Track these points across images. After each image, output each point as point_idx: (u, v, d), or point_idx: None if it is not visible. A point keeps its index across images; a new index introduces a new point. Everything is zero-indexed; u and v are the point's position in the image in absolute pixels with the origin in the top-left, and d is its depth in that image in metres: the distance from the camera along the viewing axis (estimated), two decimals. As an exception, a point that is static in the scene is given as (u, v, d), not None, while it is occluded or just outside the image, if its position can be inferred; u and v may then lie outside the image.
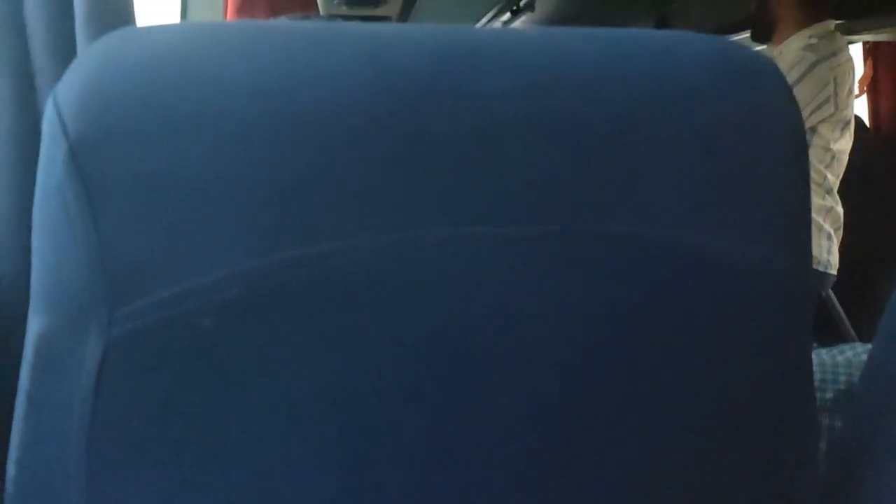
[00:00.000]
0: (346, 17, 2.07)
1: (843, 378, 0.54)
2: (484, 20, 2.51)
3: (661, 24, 2.82)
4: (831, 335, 2.05)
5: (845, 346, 0.58)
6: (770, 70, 0.29)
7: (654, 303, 0.28)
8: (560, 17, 2.88)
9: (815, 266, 1.70)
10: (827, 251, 1.70)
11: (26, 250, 0.25)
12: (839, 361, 0.55)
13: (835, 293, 1.92)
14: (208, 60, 0.25)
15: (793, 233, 0.29)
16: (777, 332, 0.30)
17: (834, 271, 1.73)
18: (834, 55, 1.56)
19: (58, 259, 0.25)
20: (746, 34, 1.96)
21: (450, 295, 0.26)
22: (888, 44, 2.05)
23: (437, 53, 0.27)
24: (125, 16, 0.30)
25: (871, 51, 2.12)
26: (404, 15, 2.00)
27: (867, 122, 2.19)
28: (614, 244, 0.27)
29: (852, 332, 2.03)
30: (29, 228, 0.25)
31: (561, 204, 0.27)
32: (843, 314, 2.05)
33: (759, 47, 2.05)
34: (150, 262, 0.25)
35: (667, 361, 0.29)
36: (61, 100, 0.24)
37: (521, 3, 2.12)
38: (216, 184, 0.24)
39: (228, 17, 0.94)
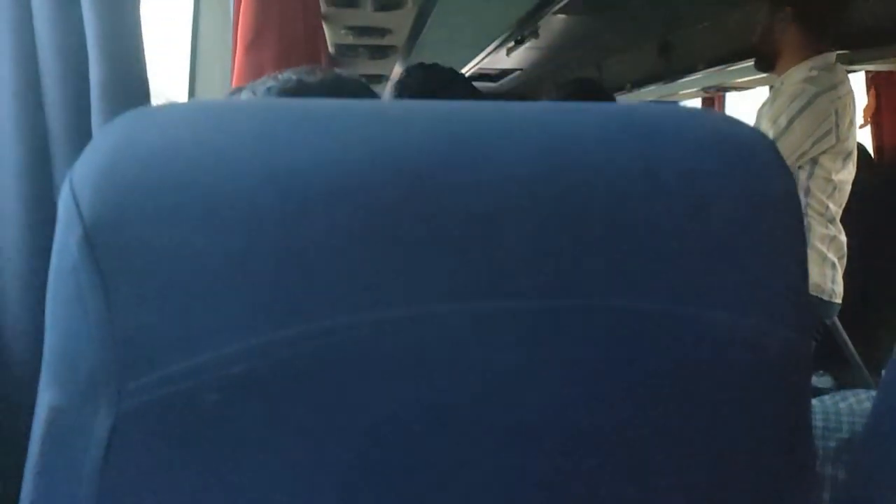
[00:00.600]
0: (352, 47, 2.11)
1: (845, 427, 0.54)
2: (489, 48, 2.54)
3: (664, 50, 2.86)
4: (837, 363, 2.04)
5: (848, 393, 0.58)
6: (765, 145, 0.30)
7: (655, 374, 0.28)
8: (564, 44, 2.91)
9: (819, 295, 1.70)
10: (831, 280, 1.70)
11: (38, 325, 0.26)
12: (841, 409, 0.56)
13: (840, 320, 1.92)
14: (219, 143, 0.26)
15: (791, 304, 0.30)
16: (776, 399, 0.31)
17: (838, 300, 1.73)
18: (834, 88, 1.57)
19: (70, 335, 0.26)
20: (747, 63, 1.98)
21: (453, 369, 0.27)
22: (890, 73, 2.07)
23: (441, 136, 0.27)
24: (140, 92, 0.31)
25: (873, 80, 2.14)
26: (410, 45, 2.03)
27: (871, 151, 2.20)
28: (615, 318, 0.28)
29: (858, 360, 2.03)
30: (41, 303, 0.26)
31: (562, 279, 0.27)
32: (848, 342, 2.05)
33: (760, 75, 2.07)
34: (160, 338, 0.25)
35: (668, 430, 0.29)
36: (77, 184, 0.25)
37: (526, 33, 2.15)
38: (226, 263, 0.25)
39: (238, 56, 0.96)
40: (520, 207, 0.27)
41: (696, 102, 3.50)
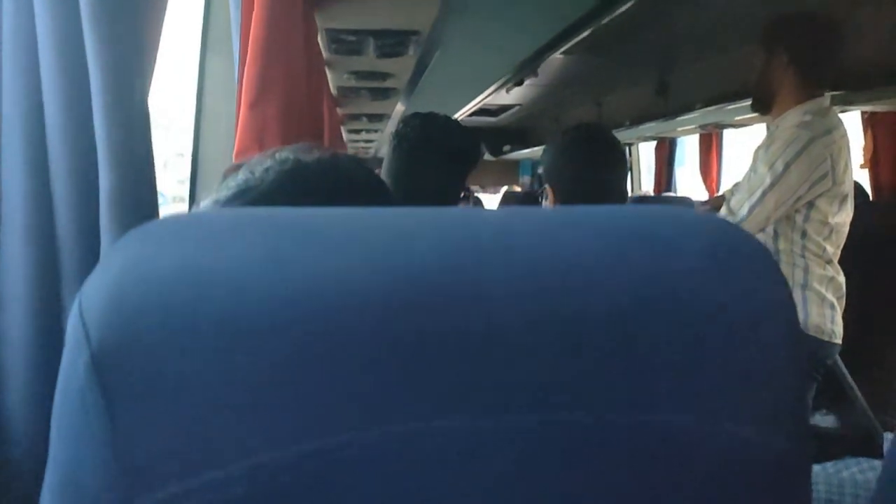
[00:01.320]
0: (354, 89, 2.15)
1: (848, 499, 0.54)
2: (490, 89, 2.58)
3: (661, 89, 2.90)
4: (840, 401, 2.03)
5: (850, 461, 0.58)
6: (762, 254, 0.31)
7: (656, 485, 0.29)
8: (563, 82, 2.96)
9: (819, 336, 1.69)
10: (831, 320, 1.70)
11: (43, 444, 0.26)
12: (844, 479, 0.55)
13: (842, 359, 1.92)
14: (226, 264, 0.27)
15: (788, 414, 0.30)
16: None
17: (839, 340, 1.73)
18: (828, 133, 1.60)
19: (74, 456, 0.26)
20: (744, 102, 2.00)
21: (454, 485, 0.27)
22: (886, 114, 2.09)
23: (443, 251, 0.28)
24: (149, 201, 0.31)
25: (869, 121, 2.16)
26: (411, 87, 2.06)
27: (869, 191, 2.22)
28: (616, 431, 0.28)
29: (861, 399, 2.01)
30: (46, 422, 0.26)
31: (562, 395, 0.28)
32: (851, 381, 2.04)
33: (747, 113, 2.10)
34: (165, 460, 0.25)
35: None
36: (86, 307, 0.25)
37: (525, 73, 2.19)
38: (230, 385, 0.25)
39: (242, 113, 0.98)
40: (520, 322, 0.28)
41: (693, 138, 3.53)
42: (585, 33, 1.50)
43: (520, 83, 2.29)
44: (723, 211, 1.69)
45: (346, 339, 0.26)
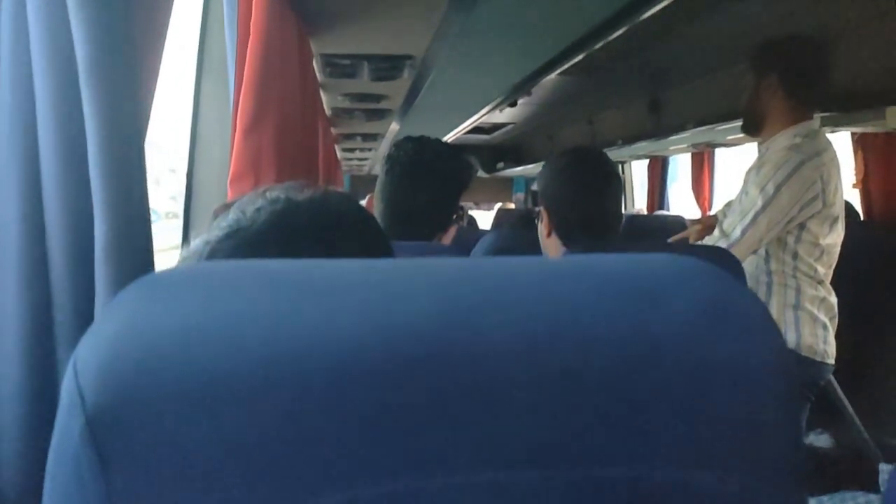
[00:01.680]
0: (349, 110, 2.16)
1: (844, 535, 0.54)
2: (484, 110, 2.59)
3: (654, 108, 2.93)
4: (835, 421, 2.03)
5: (846, 494, 0.58)
6: (757, 308, 0.31)
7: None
8: (556, 101, 2.98)
9: (811, 356, 1.70)
10: (823, 341, 1.71)
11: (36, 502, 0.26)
12: (840, 514, 0.55)
13: (836, 379, 1.92)
14: (222, 324, 0.27)
15: (785, 466, 0.30)
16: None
17: (831, 360, 1.73)
18: (818, 155, 1.61)
19: (68, 518, 0.26)
20: (735, 123, 2.02)
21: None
22: (875, 134, 2.12)
23: (440, 307, 0.28)
24: (144, 254, 0.31)
25: (859, 141, 2.18)
26: (406, 107, 2.07)
27: (860, 211, 2.23)
28: (615, 487, 0.28)
29: (855, 419, 2.02)
30: (39, 482, 0.26)
31: (562, 450, 0.28)
32: (845, 400, 2.04)
33: (739, 133, 2.12)
34: (158, 522, 0.25)
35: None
36: (80, 370, 0.25)
37: (518, 98, 2.20)
38: (228, 450, 0.25)
39: (237, 139, 0.98)
40: (519, 378, 0.28)
41: (686, 157, 3.56)
42: (579, 57, 1.52)
43: (513, 104, 2.31)
44: (716, 233, 1.70)
45: (343, 399, 0.26)
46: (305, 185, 0.50)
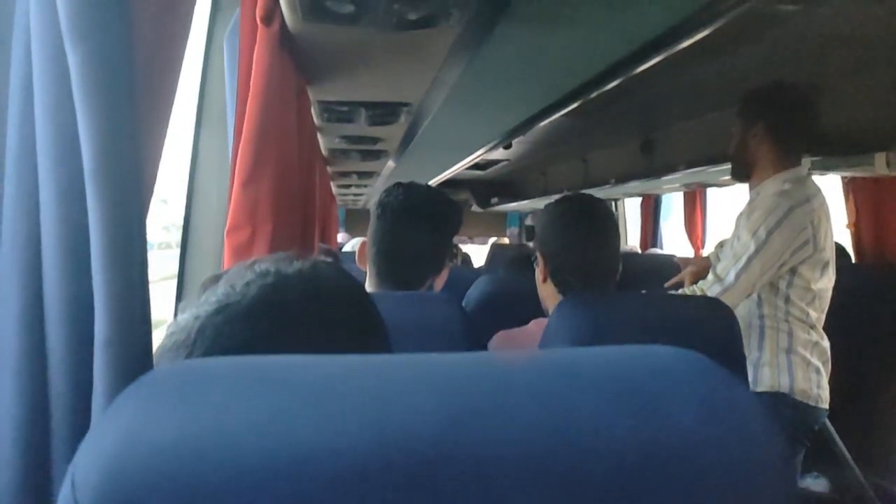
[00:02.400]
0: (345, 151, 2.17)
1: None
2: (479, 152, 2.62)
3: (646, 147, 2.96)
4: (831, 464, 2.02)
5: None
6: (757, 410, 0.31)
7: None
8: (550, 139, 3.01)
9: (805, 401, 1.70)
10: (817, 385, 1.71)
11: None
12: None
13: (831, 421, 1.92)
14: (222, 433, 0.26)
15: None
16: None
17: (825, 405, 1.73)
18: (808, 201, 1.63)
19: None
20: (725, 165, 2.05)
21: None
22: (865, 178, 2.15)
23: (441, 417, 0.28)
24: (143, 352, 0.31)
25: (849, 185, 2.21)
26: (402, 148, 2.09)
27: (851, 253, 2.25)
28: None
29: (851, 461, 2.01)
30: None
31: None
32: (841, 444, 2.03)
33: (727, 175, 2.14)
34: None
35: None
36: (78, 484, 0.25)
37: (513, 140, 2.23)
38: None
39: (235, 190, 0.98)
40: (519, 484, 0.28)
41: (678, 195, 3.59)
42: (574, 105, 1.54)
43: (508, 146, 2.33)
44: (710, 277, 1.71)
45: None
46: (295, 256, 0.50)
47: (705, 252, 3.45)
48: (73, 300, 0.32)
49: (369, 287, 1.24)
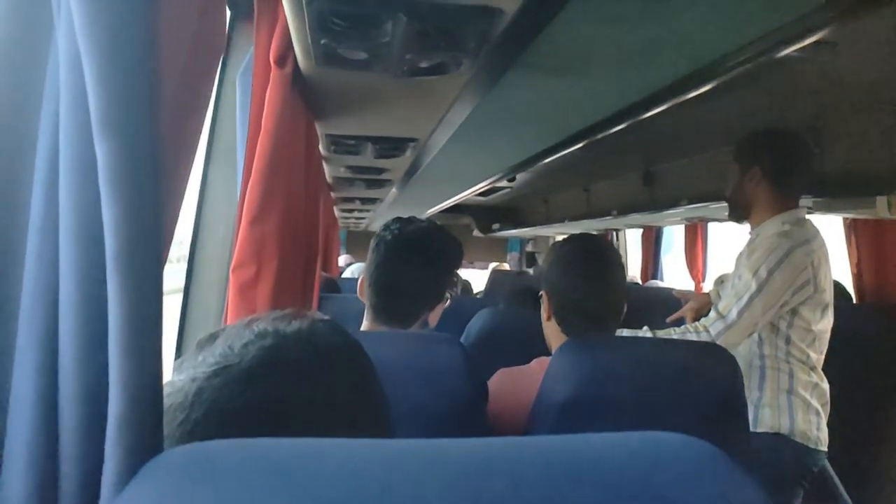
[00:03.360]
0: (350, 179, 2.19)
1: None
2: (484, 183, 2.63)
3: (648, 179, 2.98)
4: (831, 507, 2.00)
5: None
6: (754, 491, 0.31)
7: None
8: (552, 169, 3.03)
9: (805, 443, 1.69)
10: (816, 427, 1.70)
11: None
12: None
13: (831, 463, 1.90)
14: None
15: None
16: None
17: (824, 447, 1.72)
18: (807, 242, 1.65)
19: None
20: (724, 203, 2.05)
21: None
22: (866, 220, 2.16)
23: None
24: (155, 430, 0.32)
25: (851, 226, 2.22)
26: (407, 178, 2.10)
27: (852, 294, 2.26)
28: None
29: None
30: None
31: None
32: (841, 487, 2.02)
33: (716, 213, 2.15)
34: None
35: None
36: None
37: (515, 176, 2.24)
38: None
39: (242, 228, 0.99)
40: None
41: (679, 228, 3.61)
42: (579, 145, 1.56)
43: (512, 179, 2.35)
44: (712, 314, 1.71)
45: None
46: (292, 315, 0.50)
47: (706, 285, 3.46)
48: (87, 377, 0.32)
49: (366, 320, 1.24)
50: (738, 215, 1.81)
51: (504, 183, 3.47)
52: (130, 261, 0.30)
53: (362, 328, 1.25)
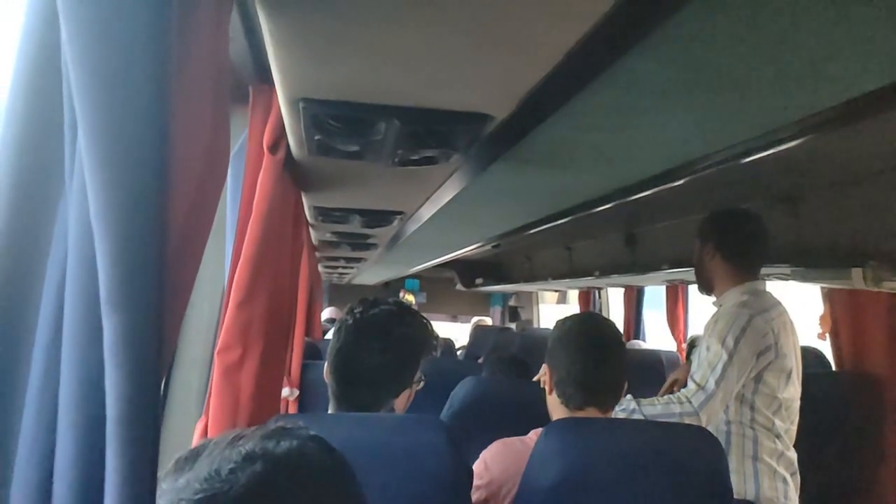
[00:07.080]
0: (335, 242, 2.20)
1: None
2: (469, 248, 2.66)
3: (629, 240, 3.03)
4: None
5: None
6: None
7: None
8: (538, 234, 3.07)
9: (771, 511, 1.69)
10: (783, 495, 1.71)
11: None
12: None
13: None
14: None
15: None
16: None
17: (793, 516, 1.72)
18: (766, 311, 1.71)
19: None
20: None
21: None
22: (842, 290, 2.20)
23: None
24: (149, 483, 0.31)
25: (828, 295, 2.27)
26: (392, 243, 2.12)
27: (832, 361, 2.28)
28: None
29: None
30: None
31: None
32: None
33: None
34: None
35: None
36: None
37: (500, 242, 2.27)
38: None
39: (229, 311, 0.99)
40: None
41: (661, 288, 3.65)
42: (564, 220, 1.59)
43: (497, 246, 2.37)
44: (691, 386, 1.73)
45: None
46: (279, 431, 0.50)
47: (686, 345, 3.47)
48: (84, 472, 0.32)
49: (330, 408, 1.17)
50: (702, 286, 1.91)
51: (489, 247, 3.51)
52: (128, 429, 0.30)
53: (329, 411, 1.19)
